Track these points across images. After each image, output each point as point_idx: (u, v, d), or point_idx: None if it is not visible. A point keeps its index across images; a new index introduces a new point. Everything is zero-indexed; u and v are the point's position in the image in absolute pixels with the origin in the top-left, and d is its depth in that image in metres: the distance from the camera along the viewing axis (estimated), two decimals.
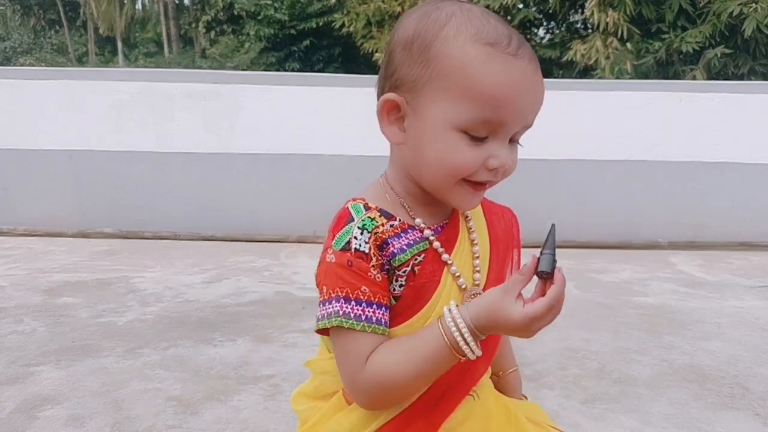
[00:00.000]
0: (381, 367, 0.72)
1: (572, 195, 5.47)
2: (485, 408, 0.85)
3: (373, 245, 0.74)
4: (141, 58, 18.59)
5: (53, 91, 5.36)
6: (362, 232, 0.74)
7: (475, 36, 0.68)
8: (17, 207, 5.45)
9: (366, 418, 0.80)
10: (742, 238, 5.39)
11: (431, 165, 0.73)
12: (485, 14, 0.71)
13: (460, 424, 0.81)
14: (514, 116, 0.70)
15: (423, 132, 0.72)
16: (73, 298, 3.38)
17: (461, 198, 0.75)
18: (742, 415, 2.05)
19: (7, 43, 17.66)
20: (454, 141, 0.70)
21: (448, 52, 0.69)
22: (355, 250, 0.73)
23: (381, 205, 0.79)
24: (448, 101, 0.69)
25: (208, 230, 5.40)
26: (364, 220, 0.75)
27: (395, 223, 0.78)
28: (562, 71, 10.17)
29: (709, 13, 8.35)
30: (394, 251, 0.75)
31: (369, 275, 0.74)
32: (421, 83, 0.71)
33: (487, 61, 0.68)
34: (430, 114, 0.71)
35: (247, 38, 14.04)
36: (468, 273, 0.81)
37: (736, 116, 5.36)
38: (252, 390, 2.20)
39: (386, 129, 0.76)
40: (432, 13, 0.72)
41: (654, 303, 3.50)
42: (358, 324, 0.72)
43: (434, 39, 0.70)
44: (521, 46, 0.70)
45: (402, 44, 0.73)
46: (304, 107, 5.30)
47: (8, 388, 2.18)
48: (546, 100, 0.76)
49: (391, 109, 0.75)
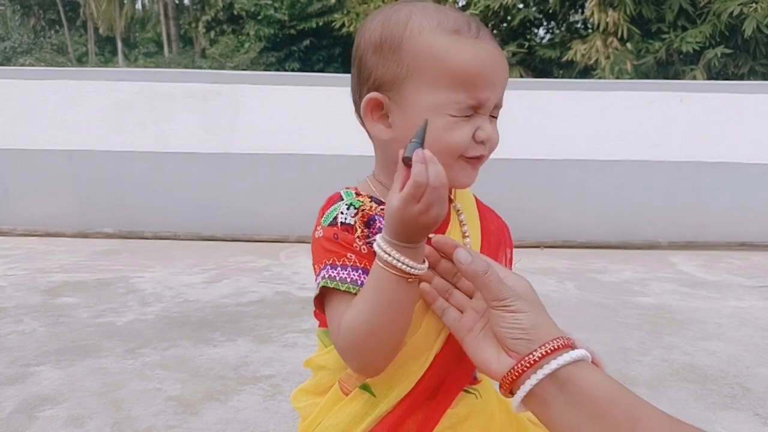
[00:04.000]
0: (347, 321, 0.74)
1: (572, 195, 5.47)
2: (487, 407, 0.85)
3: (360, 220, 0.78)
4: (141, 58, 18.59)
5: (53, 91, 5.36)
6: (348, 208, 0.79)
7: (438, 27, 0.75)
8: (17, 207, 5.45)
9: (365, 407, 0.80)
10: (742, 238, 5.39)
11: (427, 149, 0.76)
12: (440, 8, 0.78)
13: (462, 422, 0.81)
14: (488, 92, 0.75)
15: (413, 122, 0.76)
16: (72, 298, 3.38)
17: (462, 174, 0.79)
18: (742, 415, 2.05)
19: (7, 43, 17.66)
20: (444, 123, 0.75)
21: (418, 46, 0.75)
22: (341, 224, 0.77)
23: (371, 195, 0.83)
24: (430, 89, 0.75)
25: (208, 230, 5.40)
26: (353, 200, 0.80)
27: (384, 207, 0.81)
28: (562, 71, 10.17)
29: (709, 13, 8.35)
30: (381, 227, 0.76)
31: (354, 246, 0.76)
32: (400, 79, 0.76)
33: (455, 45, 0.74)
34: (417, 104, 0.76)
35: (247, 38, 14.04)
36: None
37: (736, 116, 5.36)
38: (252, 390, 2.20)
39: (372, 127, 0.80)
40: (392, 16, 0.78)
41: (654, 303, 3.50)
42: (343, 285, 0.75)
43: (401, 38, 0.76)
44: (480, 29, 0.76)
45: (372, 49, 0.78)
46: (304, 107, 5.30)
47: (8, 388, 2.18)
48: (546, 100, 0.78)
49: (374, 108, 0.79)
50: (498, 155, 0.87)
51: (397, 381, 0.79)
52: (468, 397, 0.84)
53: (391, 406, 0.79)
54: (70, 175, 5.43)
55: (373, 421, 0.79)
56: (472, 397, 0.84)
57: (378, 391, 0.79)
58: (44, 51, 17.47)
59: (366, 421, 0.79)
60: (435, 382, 0.80)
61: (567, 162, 5.41)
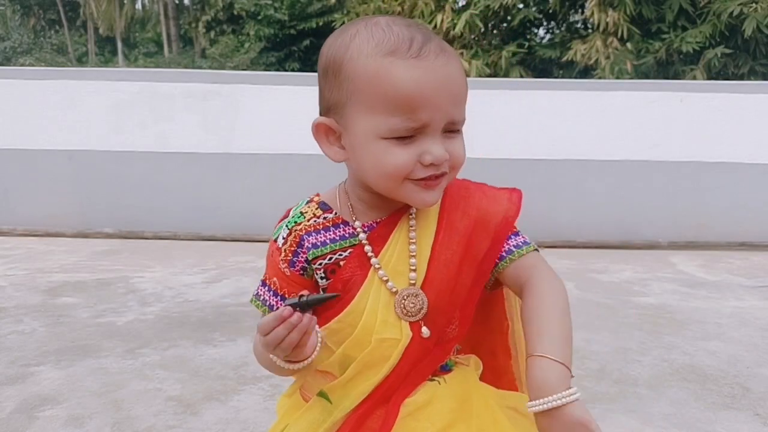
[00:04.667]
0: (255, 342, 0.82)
1: (572, 195, 5.47)
2: (452, 391, 0.82)
3: (292, 241, 0.84)
4: (141, 58, 18.57)
5: (53, 91, 5.36)
6: (284, 228, 0.85)
7: (375, 49, 0.73)
8: (17, 207, 5.45)
9: (322, 414, 0.81)
10: (742, 238, 5.39)
11: (371, 173, 0.78)
12: (390, 24, 0.75)
13: (422, 408, 0.79)
14: (430, 113, 0.73)
15: (356, 146, 0.77)
16: (73, 298, 3.38)
17: (413, 196, 0.78)
18: (742, 415, 2.05)
19: (7, 43, 17.64)
20: (383, 147, 0.74)
21: (354, 71, 0.74)
22: (276, 243, 0.85)
23: (326, 200, 0.87)
24: (366, 114, 0.74)
25: (207, 230, 5.40)
26: (293, 216, 0.86)
27: (329, 216, 0.85)
28: (562, 71, 10.17)
29: (709, 13, 8.35)
30: (308, 246, 0.83)
31: (279, 267, 0.84)
32: (341, 104, 0.77)
33: (389, 69, 0.72)
34: (357, 129, 0.76)
35: (247, 38, 14.02)
36: (402, 274, 0.81)
37: (736, 116, 5.36)
38: (252, 390, 2.20)
39: (327, 150, 0.82)
40: (339, 37, 0.78)
41: (654, 303, 3.50)
42: (261, 307, 0.85)
43: (341, 62, 0.75)
44: (425, 45, 0.73)
45: (321, 72, 0.80)
46: (304, 107, 5.26)
47: (8, 388, 2.18)
48: (546, 100, 0.77)
49: (327, 132, 0.81)
50: (498, 155, 0.87)
51: (352, 388, 0.79)
52: (429, 385, 0.82)
53: (346, 413, 0.80)
54: (70, 175, 5.43)
55: (330, 427, 0.80)
56: (435, 384, 0.82)
57: (334, 398, 0.80)
58: (44, 51, 17.44)
59: (323, 427, 0.80)
60: (394, 386, 0.80)
61: (567, 162, 5.41)
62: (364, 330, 0.79)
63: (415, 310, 0.80)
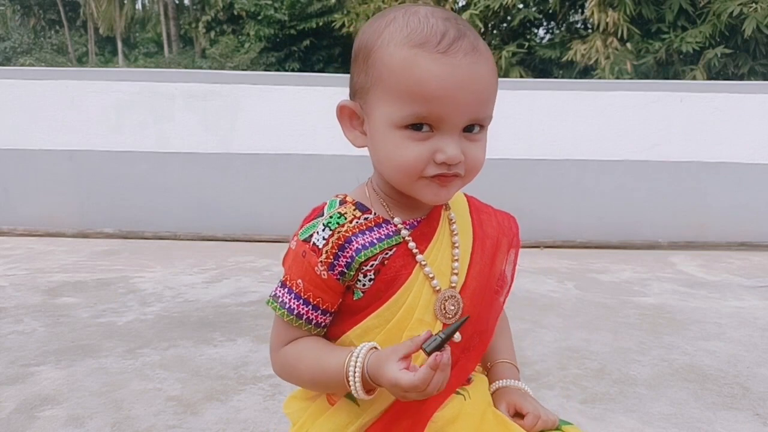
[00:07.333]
0: (290, 357, 0.81)
1: (572, 195, 5.47)
2: (476, 408, 0.83)
3: (335, 243, 0.79)
4: (141, 58, 18.59)
5: (53, 91, 5.36)
6: (324, 229, 0.80)
7: (406, 39, 0.72)
8: (17, 207, 5.45)
9: (349, 417, 0.80)
10: (742, 238, 5.39)
11: (385, 164, 0.78)
12: (428, 15, 0.74)
13: (449, 424, 0.80)
14: (448, 109, 0.72)
15: (374, 134, 0.77)
16: (73, 298, 3.38)
17: (425, 193, 0.77)
18: (742, 415, 2.05)
19: (7, 43, 17.65)
20: (398, 139, 0.74)
21: (381, 58, 0.74)
22: (312, 244, 0.79)
23: (360, 200, 0.84)
24: (385, 103, 0.74)
25: (208, 230, 5.41)
26: (332, 216, 0.81)
27: (370, 216, 0.82)
28: (562, 71, 10.17)
29: (709, 13, 8.35)
30: (358, 247, 0.79)
31: (315, 269, 0.79)
32: (366, 89, 0.77)
33: (413, 61, 0.71)
34: (376, 116, 0.76)
35: (247, 38, 14.02)
36: (445, 275, 0.82)
37: (736, 116, 5.36)
38: (252, 390, 2.20)
39: (348, 134, 0.82)
40: (375, 22, 0.77)
41: (654, 303, 3.50)
42: (287, 316, 0.80)
43: (373, 47, 0.75)
44: (456, 41, 0.72)
45: (354, 55, 0.80)
46: (304, 107, 5.30)
47: (8, 388, 2.18)
48: (546, 100, 0.77)
49: (351, 116, 0.81)
50: (498, 155, 0.87)
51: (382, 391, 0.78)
52: (457, 399, 0.82)
53: (375, 416, 0.80)
54: (71, 175, 5.43)
55: (356, 430, 0.80)
56: (461, 398, 0.83)
57: (362, 401, 0.79)
58: (44, 51, 17.46)
59: (349, 430, 0.80)
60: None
61: (567, 162, 5.41)
62: (398, 326, 0.79)
63: (452, 312, 0.81)
